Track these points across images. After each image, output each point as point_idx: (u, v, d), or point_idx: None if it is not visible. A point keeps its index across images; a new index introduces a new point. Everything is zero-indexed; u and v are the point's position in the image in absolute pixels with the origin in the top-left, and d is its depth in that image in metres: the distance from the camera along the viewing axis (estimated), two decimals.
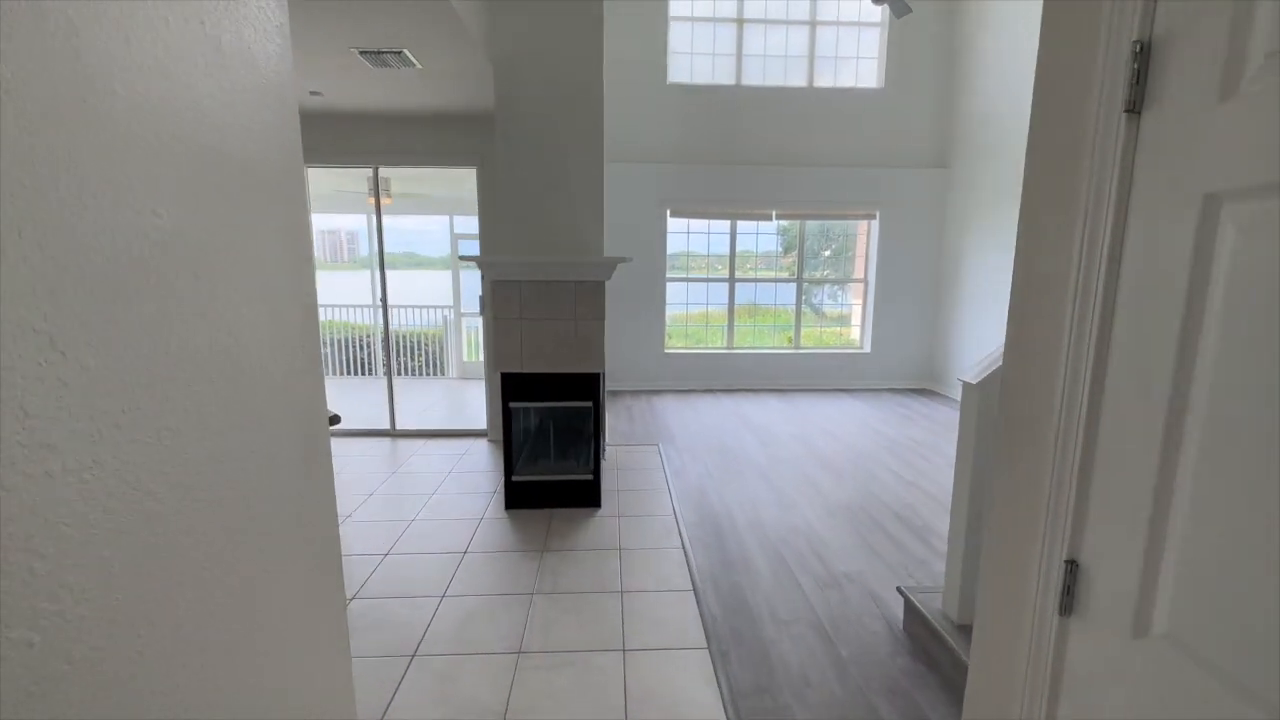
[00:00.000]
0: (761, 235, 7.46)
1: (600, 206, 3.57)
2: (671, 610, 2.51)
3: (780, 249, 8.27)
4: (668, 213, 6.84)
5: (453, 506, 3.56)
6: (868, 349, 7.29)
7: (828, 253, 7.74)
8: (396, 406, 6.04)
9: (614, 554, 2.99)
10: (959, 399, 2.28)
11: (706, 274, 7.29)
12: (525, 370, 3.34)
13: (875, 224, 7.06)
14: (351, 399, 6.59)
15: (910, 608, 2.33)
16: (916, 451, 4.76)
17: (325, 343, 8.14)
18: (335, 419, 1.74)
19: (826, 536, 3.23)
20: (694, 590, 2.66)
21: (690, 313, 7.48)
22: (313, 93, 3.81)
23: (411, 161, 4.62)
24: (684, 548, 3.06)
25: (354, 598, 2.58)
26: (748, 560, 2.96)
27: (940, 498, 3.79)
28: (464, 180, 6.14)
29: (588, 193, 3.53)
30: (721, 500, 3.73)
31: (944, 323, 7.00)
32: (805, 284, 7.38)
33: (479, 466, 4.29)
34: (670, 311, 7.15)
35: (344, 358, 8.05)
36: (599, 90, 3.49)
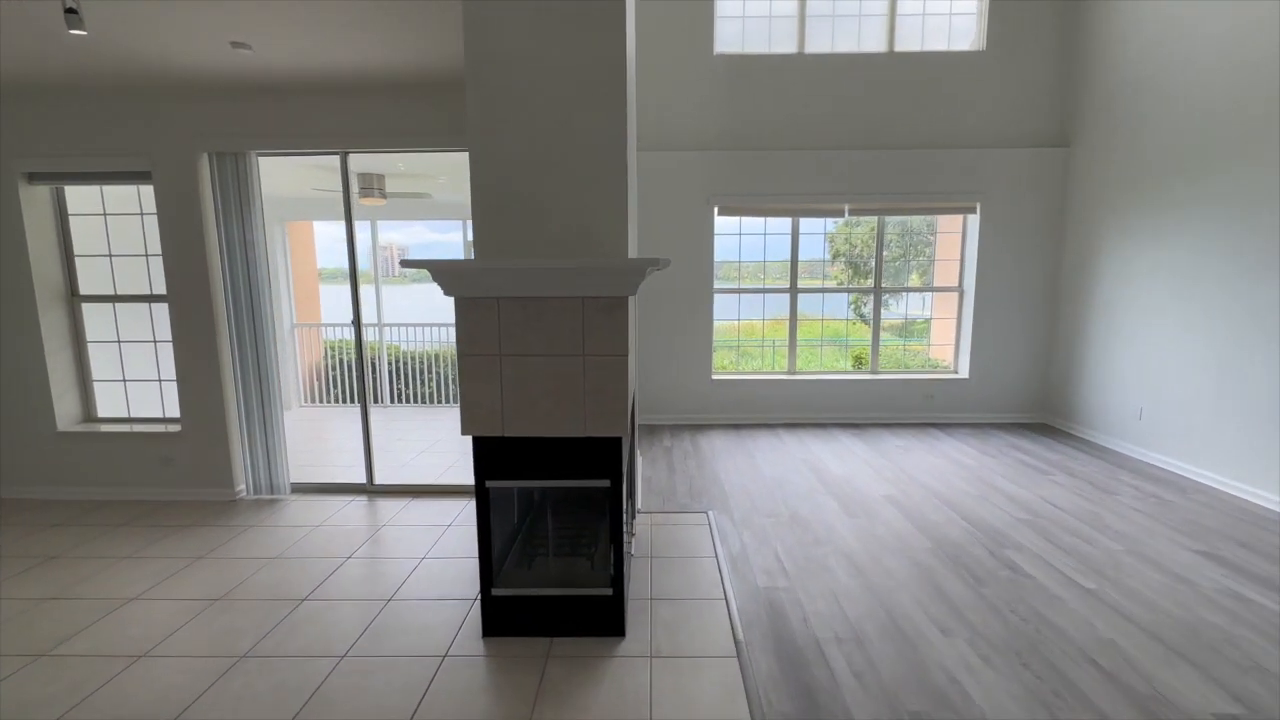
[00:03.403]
0: (829, 236, 6.19)
1: (623, 191, 2.42)
2: None
3: (828, 255, 7.04)
4: (715, 210, 5.65)
5: (409, 630, 2.44)
6: (964, 373, 5.88)
7: (872, 261, 6.37)
8: (386, 449, 5.03)
9: None
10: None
11: (763, 283, 6.04)
12: (508, 434, 2.21)
13: (975, 219, 5.69)
14: (340, 434, 5.63)
15: None
16: (1071, 529, 3.39)
17: (335, 365, 7.26)
18: None
19: (995, 717, 1.95)
20: None
21: (741, 327, 6.25)
22: (235, 44, 2.81)
23: (386, 143, 3.60)
24: None
25: None
26: None
27: (1152, 625, 2.44)
28: None
29: (604, 171, 2.39)
30: (806, 621, 2.48)
31: (1066, 340, 5.54)
32: (882, 294, 6.04)
33: (466, 546, 3.18)
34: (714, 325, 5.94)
35: (351, 382, 7.14)
36: (620, 14, 2.34)
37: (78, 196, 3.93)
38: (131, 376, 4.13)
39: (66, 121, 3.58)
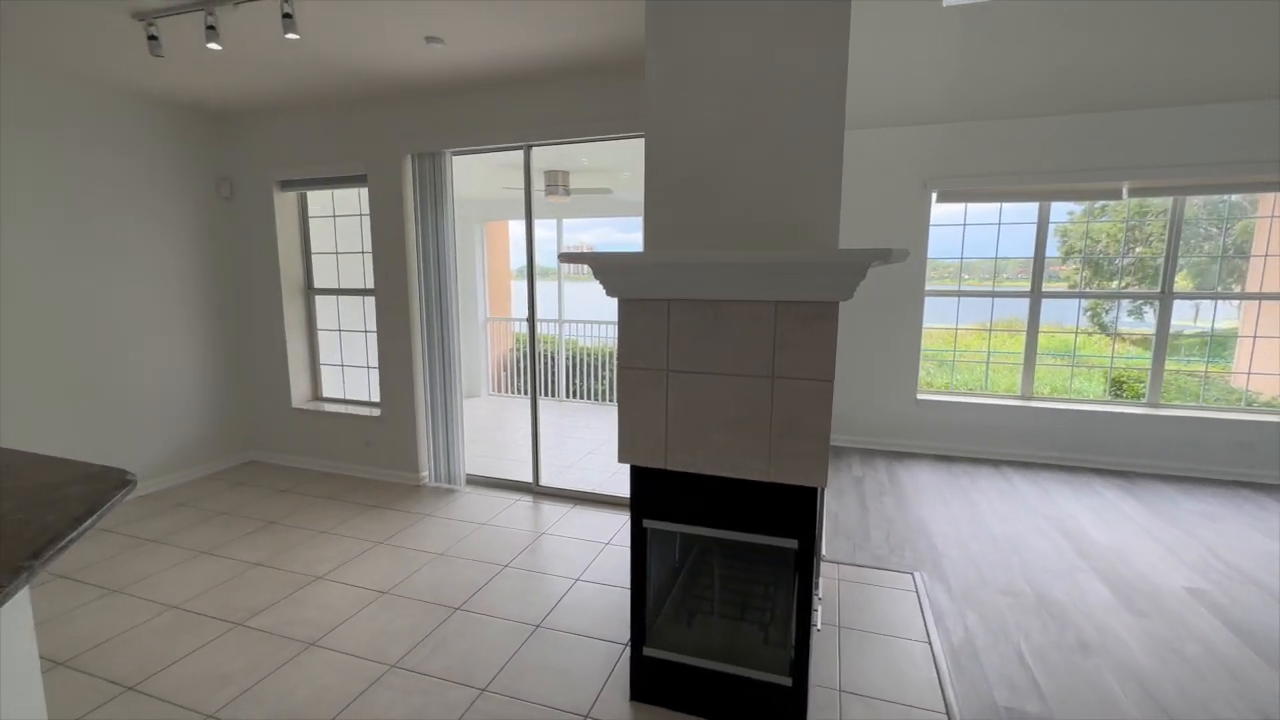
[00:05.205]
0: (1059, 229, 4.81)
1: (837, 161, 1.86)
2: None
3: (1059, 253, 5.62)
4: (933, 196, 4.70)
5: (552, 669, 2.17)
6: None
7: (1127, 258, 4.83)
8: (557, 446, 5.02)
9: None
10: None
11: (993, 284, 4.91)
12: (671, 468, 1.80)
13: None
14: (519, 426, 5.78)
15: None
16: None
17: (522, 357, 7.63)
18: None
19: None
20: None
21: (947, 336, 5.17)
22: (429, 39, 2.80)
23: (564, 132, 3.43)
24: None
25: None
26: None
27: None
28: None
29: (813, 132, 1.85)
30: None
31: None
32: (1170, 300, 4.52)
33: (621, 571, 2.87)
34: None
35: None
36: None
37: (314, 199, 4.44)
38: (348, 362, 4.58)
39: (305, 132, 4.02)
